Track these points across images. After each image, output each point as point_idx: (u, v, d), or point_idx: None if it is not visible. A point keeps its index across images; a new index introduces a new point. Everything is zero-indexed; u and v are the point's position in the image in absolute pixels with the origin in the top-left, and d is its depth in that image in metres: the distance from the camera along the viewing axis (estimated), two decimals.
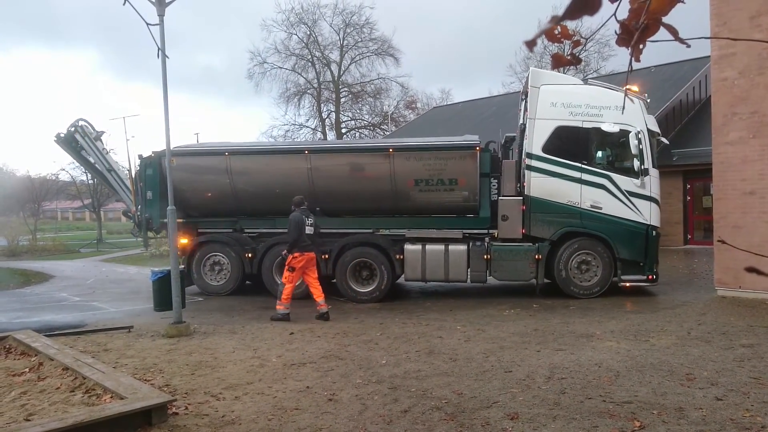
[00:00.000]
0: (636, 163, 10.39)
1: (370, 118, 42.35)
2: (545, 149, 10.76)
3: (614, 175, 10.65)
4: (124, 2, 2.32)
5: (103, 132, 13.66)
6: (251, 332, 8.47)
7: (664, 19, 1.13)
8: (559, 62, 1.32)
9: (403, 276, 11.30)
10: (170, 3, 7.96)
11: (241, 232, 12.33)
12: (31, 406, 4.97)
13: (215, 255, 12.19)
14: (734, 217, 10.31)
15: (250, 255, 11.87)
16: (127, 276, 17.32)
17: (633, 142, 10.27)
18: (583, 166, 10.69)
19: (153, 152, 12.32)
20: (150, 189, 12.31)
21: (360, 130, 41.90)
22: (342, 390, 5.57)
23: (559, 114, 10.76)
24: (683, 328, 8.02)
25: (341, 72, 40.88)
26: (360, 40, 40.32)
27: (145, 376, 6.06)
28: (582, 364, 6.23)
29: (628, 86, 10.96)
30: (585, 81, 11.52)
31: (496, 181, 11.20)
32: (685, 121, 23.20)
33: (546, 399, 5.13)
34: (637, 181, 10.50)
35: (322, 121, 41.31)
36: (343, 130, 40.96)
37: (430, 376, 5.97)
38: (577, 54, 1.25)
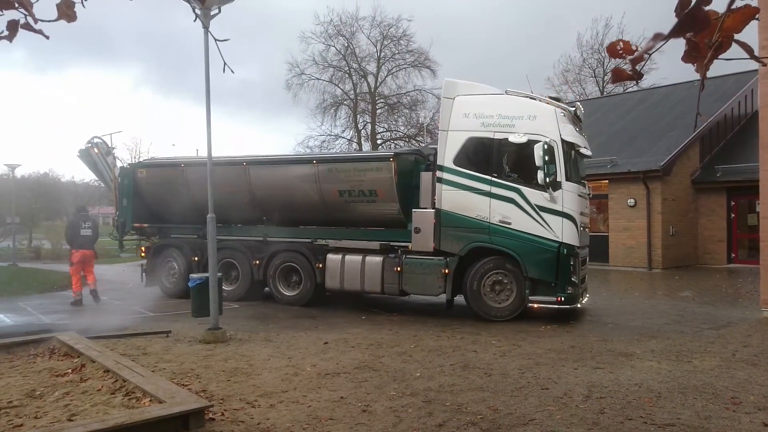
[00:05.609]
0: (540, 175, 9.68)
1: (406, 130, 42.42)
2: (456, 161, 10.38)
3: (524, 189, 9.95)
4: (195, 18, 2.39)
5: (114, 148, 15.05)
6: (286, 340, 8.53)
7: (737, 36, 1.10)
8: (619, 77, 1.29)
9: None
10: (215, 16, 8.16)
11: (203, 238, 12.84)
12: (73, 406, 5.09)
13: (170, 260, 13.56)
14: None
15: (196, 258, 12.96)
16: None
17: (537, 153, 9.60)
18: (493, 178, 10.12)
19: (128, 164, 14.43)
20: (125, 197, 13.97)
21: (395, 142, 42.00)
22: (376, 401, 5.56)
23: (470, 125, 10.34)
24: (727, 349, 7.76)
25: (378, 83, 41.12)
26: (397, 52, 40.52)
27: (183, 381, 6.15)
28: (621, 383, 6.08)
29: (550, 96, 10.58)
30: (506, 91, 10.68)
31: None
32: (729, 137, 22.60)
33: (584, 418, 5.02)
34: (548, 195, 9.85)
35: (358, 132, 41.58)
36: (379, 141, 41.13)
37: (464, 390, 5.91)
38: (639, 69, 1.22)
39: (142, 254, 14.27)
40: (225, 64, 2.15)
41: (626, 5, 60.98)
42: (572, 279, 9.91)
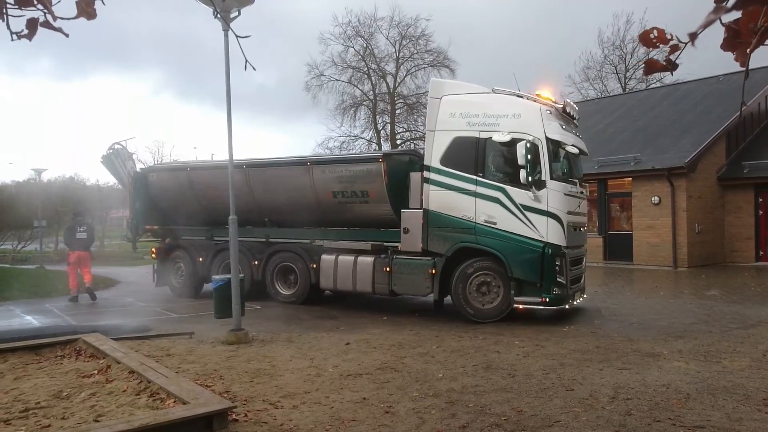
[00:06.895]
0: (523, 174, 9.55)
1: (426, 130, 42.33)
2: (443, 161, 10.30)
3: (509, 188, 9.79)
4: (215, 15, 2.39)
5: (133, 153, 15.65)
6: (308, 341, 8.54)
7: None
8: (652, 68, 1.23)
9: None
10: (234, 18, 8.20)
11: (211, 240, 13.62)
12: (99, 407, 5.14)
13: (177, 260, 14.13)
14: None
15: (201, 259, 13.48)
16: None
17: (520, 151, 9.45)
18: (478, 178, 10.01)
19: (140, 168, 15.06)
20: (138, 200, 14.46)
21: (415, 142, 41.93)
22: (398, 403, 5.52)
23: (457, 125, 10.25)
24: (758, 349, 7.58)
25: (397, 84, 41.11)
26: (416, 51, 40.45)
27: (206, 382, 6.19)
28: (648, 384, 5.97)
29: (537, 92, 10.36)
30: (493, 90, 10.46)
31: None
32: (756, 132, 22.13)
33: (611, 420, 4.93)
34: (531, 194, 9.62)
35: (378, 132, 41.58)
36: (398, 142, 41.09)
37: (488, 391, 5.85)
38: (674, 59, 1.16)
39: (153, 255, 14.72)
40: (246, 61, 2.14)
41: (648, 1, 60.15)
42: (558, 279, 9.68)
